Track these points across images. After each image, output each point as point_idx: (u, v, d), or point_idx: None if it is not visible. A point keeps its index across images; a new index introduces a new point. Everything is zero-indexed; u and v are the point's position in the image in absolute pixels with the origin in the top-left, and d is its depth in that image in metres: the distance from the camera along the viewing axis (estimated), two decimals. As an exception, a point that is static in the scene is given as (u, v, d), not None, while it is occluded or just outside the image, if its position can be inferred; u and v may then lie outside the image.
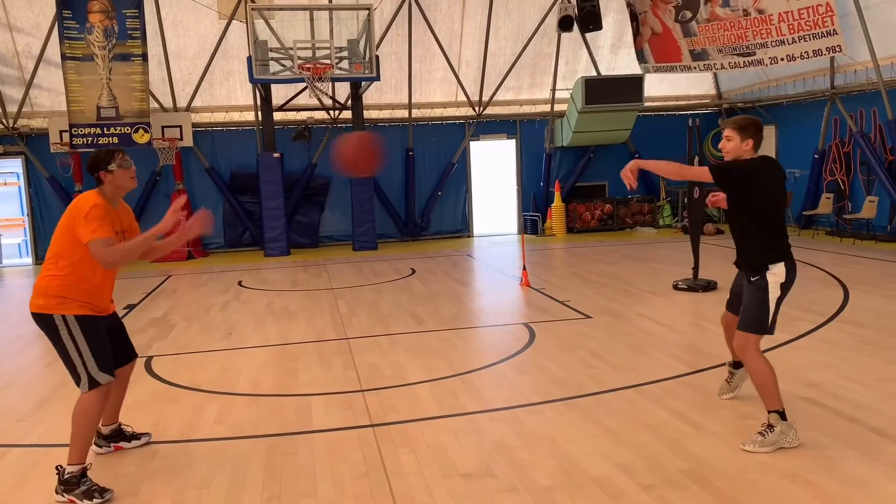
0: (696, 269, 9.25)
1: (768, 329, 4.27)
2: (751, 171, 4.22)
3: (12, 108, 14.77)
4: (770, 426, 4.18)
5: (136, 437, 4.70)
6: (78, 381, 4.09)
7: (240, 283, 11.46)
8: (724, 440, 4.33)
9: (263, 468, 4.23)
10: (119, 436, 4.64)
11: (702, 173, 4.32)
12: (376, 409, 5.17)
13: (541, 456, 4.22)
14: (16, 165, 15.54)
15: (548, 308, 8.52)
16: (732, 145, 4.30)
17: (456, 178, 16.91)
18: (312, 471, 4.17)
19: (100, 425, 4.51)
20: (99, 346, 4.11)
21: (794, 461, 3.99)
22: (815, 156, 14.69)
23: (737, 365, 4.98)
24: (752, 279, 4.28)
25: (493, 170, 17.28)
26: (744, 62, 13.82)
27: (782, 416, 4.19)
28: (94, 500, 3.87)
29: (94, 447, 4.47)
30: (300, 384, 5.92)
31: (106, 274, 4.17)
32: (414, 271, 11.95)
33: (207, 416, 5.21)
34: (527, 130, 17.19)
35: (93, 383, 4.06)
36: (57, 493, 3.94)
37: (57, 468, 3.99)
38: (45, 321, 4.06)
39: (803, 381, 5.32)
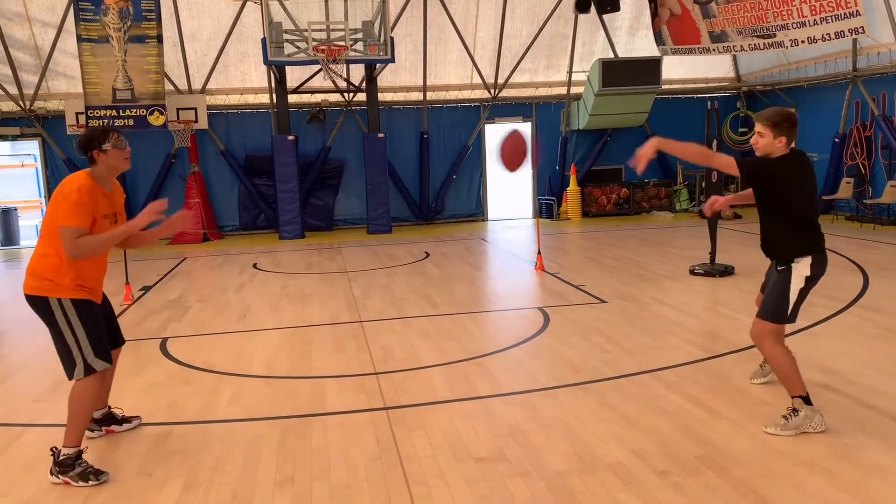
0: (713, 253, 9.16)
1: (787, 319, 4.21)
2: (780, 171, 4.08)
3: (29, 91, 14.84)
4: (794, 410, 4.15)
5: (126, 420, 4.64)
6: (72, 368, 3.98)
7: (255, 266, 11.49)
8: (739, 426, 4.29)
9: (277, 450, 4.24)
10: (110, 419, 4.58)
11: (728, 164, 4.14)
12: (390, 392, 5.17)
13: (554, 441, 4.20)
14: (33, 147, 15.66)
15: (562, 292, 8.47)
16: (764, 142, 4.12)
17: (471, 161, 16.83)
18: (326, 453, 4.17)
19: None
20: (96, 331, 4.02)
21: (810, 448, 3.94)
22: (836, 140, 14.48)
23: None
24: (778, 269, 4.23)
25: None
26: (764, 44, 13.60)
27: (806, 400, 4.15)
28: (90, 482, 3.86)
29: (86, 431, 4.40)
30: (314, 367, 5.93)
31: (99, 259, 4.07)
32: (428, 255, 11.93)
33: (222, 397, 5.23)
34: (543, 113, 17.05)
35: (88, 370, 3.97)
36: (52, 474, 3.92)
37: (52, 449, 3.98)
38: (39, 304, 3.96)
39: (821, 368, 5.25)
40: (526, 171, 16.42)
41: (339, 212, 16.38)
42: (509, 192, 17.28)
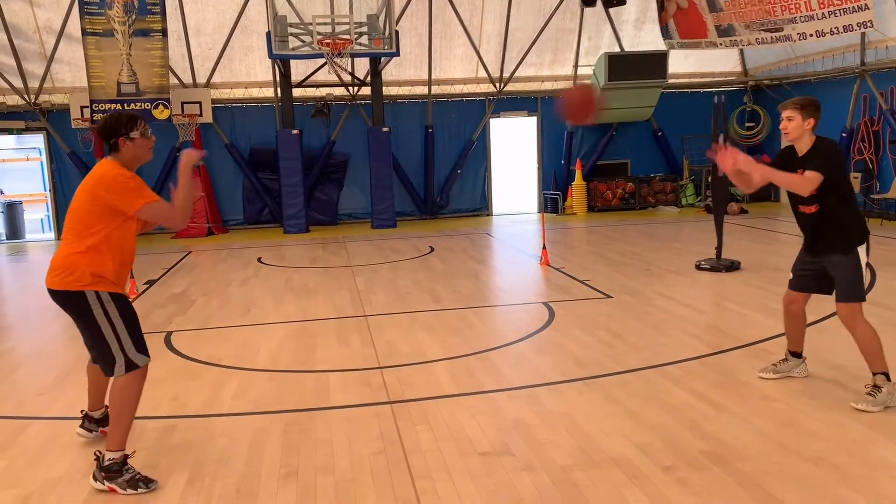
0: (719, 248, 9.12)
1: (863, 296, 4.49)
2: (839, 152, 4.37)
3: (34, 84, 14.84)
4: (877, 387, 4.34)
5: None
6: (112, 365, 3.79)
7: (259, 260, 11.50)
8: (745, 421, 4.27)
9: (281, 443, 4.24)
10: (107, 420, 4.32)
11: (815, 178, 4.23)
12: (394, 387, 5.16)
13: (559, 435, 4.19)
14: (38, 141, 15.69)
15: (568, 287, 8.45)
16: (794, 125, 4.34)
17: (476, 155, 16.79)
18: (330, 447, 4.17)
19: (88, 410, 4.38)
20: (135, 325, 3.88)
21: (817, 444, 3.92)
22: (843, 134, 14.39)
23: (795, 354, 4.93)
24: (846, 254, 4.42)
25: (514, 147, 17.14)
26: (771, 38, 13.51)
27: (887, 377, 4.34)
28: (140, 490, 3.66)
29: (82, 431, 4.34)
30: (318, 360, 5.92)
31: (132, 251, 3.98)
32: (433, 249, 11.92)
33: (226, 391, 5.23)
34: (548, 107, 16.96)
35: (130, 366, 3.80)
36: (96, 479, 3.72)
37: (96, 454, 3.78)
38: (73, 299, 3.76)
39: (828, 363, 5.23)
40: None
41: (343, 206, 16.37)
42: (514, 187, 17.25)
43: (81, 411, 4.44)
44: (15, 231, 15.34)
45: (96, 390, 4.35)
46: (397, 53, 14.27)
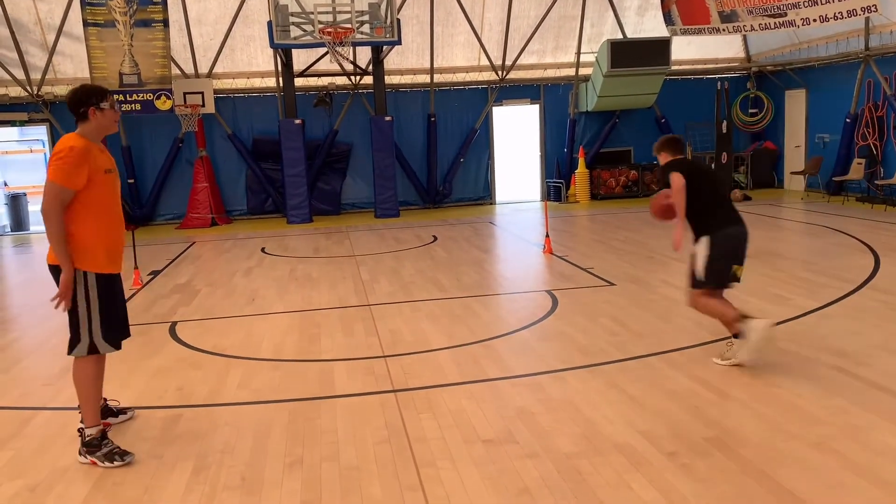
0: (722, 235, 9.08)
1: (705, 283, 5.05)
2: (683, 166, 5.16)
3: (36, 76, 14.84)
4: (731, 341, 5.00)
5: (122, 412, 4.56)
6: (75, 342, 3.96)
7: (263, 250, 11.51)
8: (748, 408, 4.27)
9: (286, 433, 4.26)
10: (106, 412, 4.43)
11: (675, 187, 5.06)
12: (398, 375, 5.18)
13: (563, 422, 4.20)
14: (41, 133, 15.68)
15: (571, 275, 8.45)
16: (661, 159, 5.39)
17: (478, 144, 16.75)
18: (335, 435, 4.18)
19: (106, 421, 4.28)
20: (111, 312, 4.00)
21: (820, 429, 3.92)
22: (847, 120, 14.33)
23: (737, 336, 4.98)
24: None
25: (517, 135, 17.09)
26: (774, 23, 13.42)
27: (737, 336, 4.90)
28: (115, 463, 3.89)
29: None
30: (322, 350, 5.94)
31: (115, 222, 4.04)
32: (436, 238, 11.92)
33: (231, 381, 5.25)
34: (551, 95, 16.93)
35: (92, 349, 3.97)
36: (80, 454, 3.97)
37: (79, 430, 4.03)
38: (59, 272, 3.87)
39: (832, 350, 5.22)
40: (535, 154, 16.37)
41: (346, 196, 16.37)
42: (517, 175, 17.22)
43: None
44: (19, 223, 15.37)
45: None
46: (399, 42, 14.23)
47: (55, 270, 3.94)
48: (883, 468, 3.48)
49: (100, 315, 3.96)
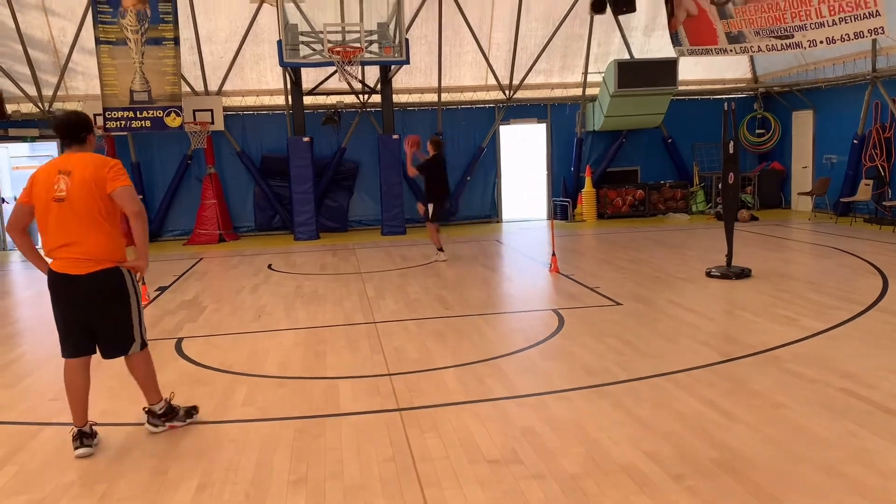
0: (729, 255, 9.08)
1: None
2: None
3: (48, 92, 14.99)
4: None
5: (94, 435, 4.39)
6: (130, 343, 4.33)
7: (269, 267, 11.54)
8: (755, 430, 4.24)
9: (291, 450, 4.25)
10: (94, 434, 4.36)
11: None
12: (403, 393, 5.17)
13: (568, 443, 4.18)
14: (51, 149, 15.77)
15: (577, 294, 8.44)
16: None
17: (485, 162, 16.80)
18: (339, 453, 4.17)
19: (83, 427, 4.28)
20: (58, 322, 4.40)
21: (829, 453, 3.89)
22: (855, 141, 14.33)
23: None
24: None
25: (523, 154, 17.14)
26: (781, 45, 13.45)
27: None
28: (195, 416, 4.66)
29: (83, 450, 4.22)
30: (328, 367, 5.93)
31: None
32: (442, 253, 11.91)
33: (236, 397, 5.25)
34: (558, 114, 16.99)
35: (144, 344, 4.43)
36: (155, 426, 4.49)
37: (145, 409, 4.54)
38: (112, 276, 4.20)
39: (839, 372, 5.19)
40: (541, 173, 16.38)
41: (353, 213, 16.41)
42: (524, 194, 17.24)
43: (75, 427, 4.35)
44: (28, 238, 15.45)
45: (85, 400, 4.35)
46: (407, 61, 14.33)
47: (103, 276, 4.19)
48: (892, 492, 3.45)
49: (142, 309, 4.43)
